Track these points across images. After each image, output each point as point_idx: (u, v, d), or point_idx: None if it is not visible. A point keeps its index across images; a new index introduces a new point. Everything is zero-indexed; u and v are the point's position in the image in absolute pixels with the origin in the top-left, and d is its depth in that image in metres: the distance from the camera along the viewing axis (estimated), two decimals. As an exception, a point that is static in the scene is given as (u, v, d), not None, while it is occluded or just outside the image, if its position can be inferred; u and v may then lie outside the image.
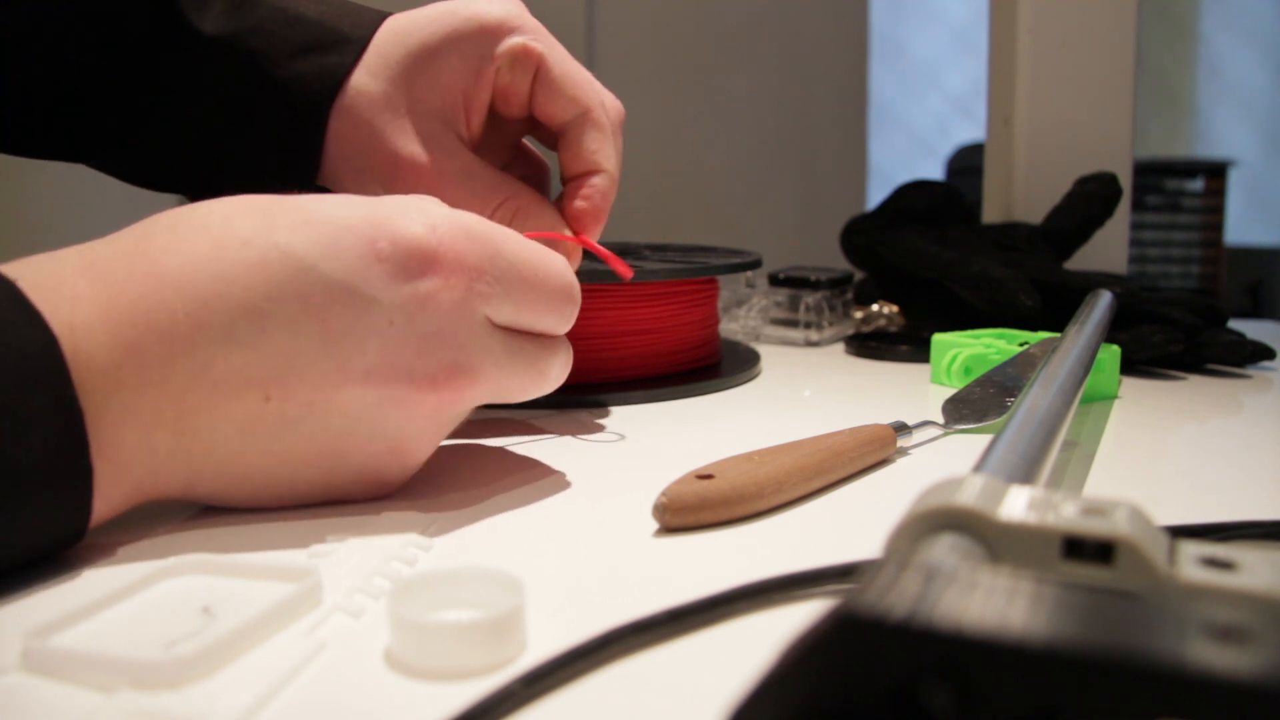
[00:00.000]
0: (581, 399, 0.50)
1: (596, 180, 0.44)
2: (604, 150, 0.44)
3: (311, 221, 0.31)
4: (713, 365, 0.58)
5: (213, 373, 0.30)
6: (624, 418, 0.48)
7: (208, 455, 0.31)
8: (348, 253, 0.31)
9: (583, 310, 0.37)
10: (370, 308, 0.31)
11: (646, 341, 0.54)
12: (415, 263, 0.32)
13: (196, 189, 0.47)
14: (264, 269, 0.30)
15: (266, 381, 0.31)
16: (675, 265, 0.54)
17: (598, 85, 0.45)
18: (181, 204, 0.34)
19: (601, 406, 0.50)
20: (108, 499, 0.30)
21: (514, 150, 0.49)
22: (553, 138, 0.46)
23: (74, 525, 0.29)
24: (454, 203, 0.38)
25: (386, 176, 0.43)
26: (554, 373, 0.37)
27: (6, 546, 0.27)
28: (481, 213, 0.40)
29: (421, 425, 0.33)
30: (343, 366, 0.31)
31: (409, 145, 0.43)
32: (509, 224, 0.43)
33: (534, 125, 0.47)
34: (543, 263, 0.36)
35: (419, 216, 0.33)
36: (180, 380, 0.30)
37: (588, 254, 0.45)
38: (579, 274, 0.39)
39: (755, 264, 0.59)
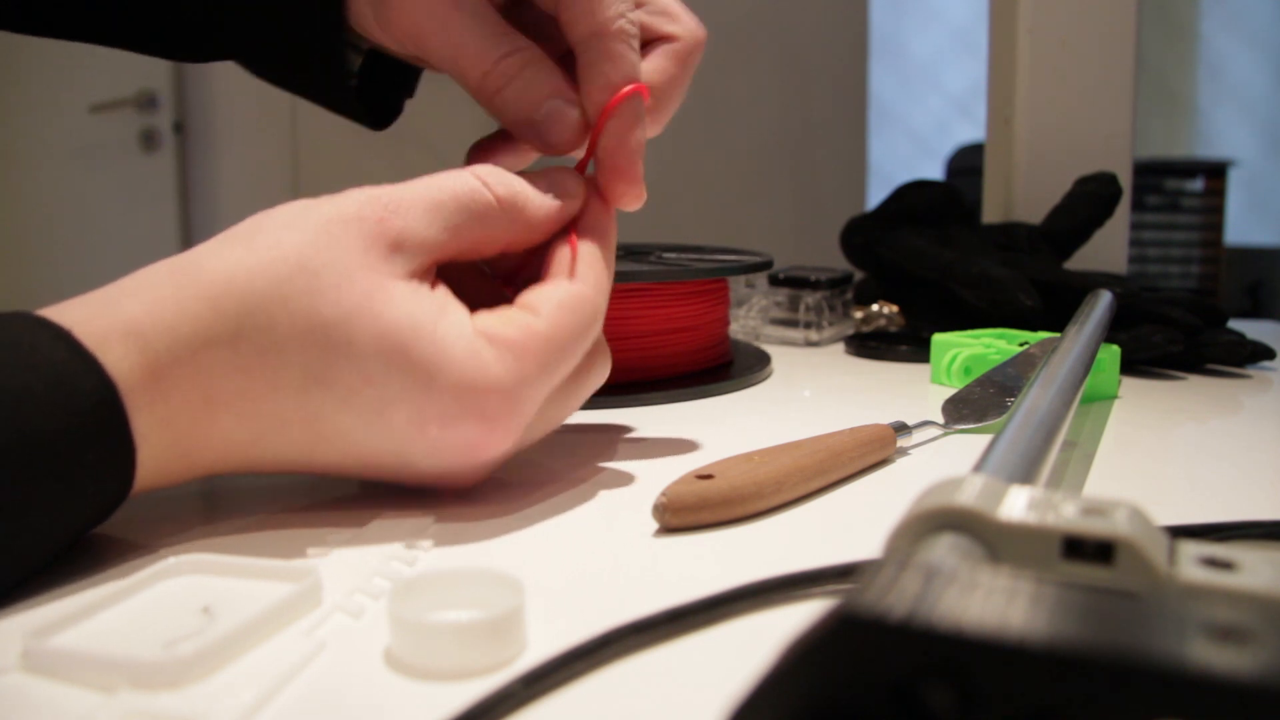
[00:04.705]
0: (595, 400, 0.50)
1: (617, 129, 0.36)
2: (617, 74, 0.36)
3: (370, 381, 0.31)
4: (725, 365, 0.59)
5: (260, 468, 0.32)
6: (626, 418, 0.48)
7: (248, 473, 0.33)
8: (397, 429, 0.31)
9: (616, 311, 0.36)
10: (408, 466, 0.33)
11: (678, 341, 0.55)
12: (464, 445, 0.32)
13: (221, 48, 0.43)
14: (318, 426, 0.31)
15: (307, 471, 0.33)
16: (710, 264, 0.54)
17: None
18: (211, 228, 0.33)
19: (617, 408, 0.50)
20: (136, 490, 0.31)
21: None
22: None
23: (105, 510, 0.30)
24: (455, 45, 0.35)
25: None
26: (586, 397, 0.37)
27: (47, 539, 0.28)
28: (483, 64, 0.36)
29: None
30: (379, 477, 0.34)
31: None
32: (515, 78, 0.36)
33: None
34: (587, 335, 0.34)
35: (481, 396, 0.31)
36: (225, 469, 0.32)
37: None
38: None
39: (770, 263, 0.59)
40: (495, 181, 0.34)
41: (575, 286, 0.34)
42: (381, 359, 0.30)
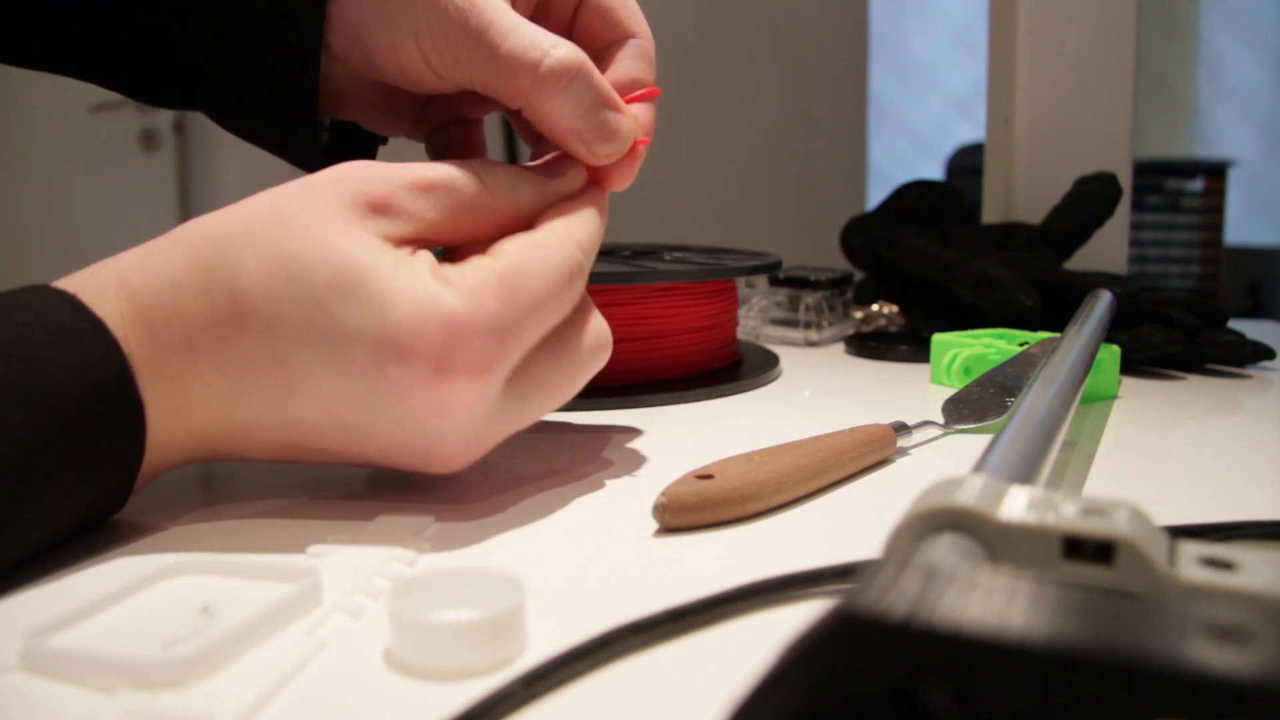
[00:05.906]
0: (603, 401, 0.50)
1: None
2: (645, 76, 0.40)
3: (329, 315, 0.30)
4: (735, 365, 0.59)
5: (249, 436, 0.33)
6: (629, 418, 0.48)
7: (243, 453, 0.34)
8: (357, 367, 0.31)
9: (630, 312, 0.37)
10: (379, 414, 0.31)
11: (697, 340, 0.55)
12: (424, 385, 0.30)
13: (192, 98, 0.42)
14: (284, 369, 0.31)
15: (295, 443, 0.33)
16: (730, 265, 0.54)
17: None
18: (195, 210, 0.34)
19: (623, 409, 0.50)
20: (144, 478, 0.32)
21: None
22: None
23: (117, 497, 0.32)
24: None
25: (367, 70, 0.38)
26: (588, 375, 0.36)
27: (65, 518, 0.30)
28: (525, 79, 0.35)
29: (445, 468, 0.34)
30: (361, 447, 0.33)
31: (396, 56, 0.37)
32: (559, 93, 0.36)
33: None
34: (557, 279, 0.33)
35: (435, 328, 0.30)
36: (217, 435, 0.33)
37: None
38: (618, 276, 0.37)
39: (779, 264, 0.59)
40: (489, 175, 0.34)
41: (539, 234, 0.34)
42: (338, 291, 0.30)
